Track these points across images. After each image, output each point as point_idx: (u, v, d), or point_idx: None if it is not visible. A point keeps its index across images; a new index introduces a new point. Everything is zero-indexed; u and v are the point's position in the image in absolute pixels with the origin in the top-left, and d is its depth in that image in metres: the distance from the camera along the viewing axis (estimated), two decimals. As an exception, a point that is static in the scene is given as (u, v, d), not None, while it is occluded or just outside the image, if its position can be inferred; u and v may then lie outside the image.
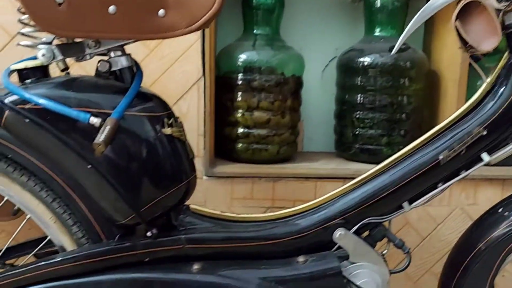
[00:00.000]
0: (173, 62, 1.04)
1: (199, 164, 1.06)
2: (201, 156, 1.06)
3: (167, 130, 0.69)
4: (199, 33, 1.03)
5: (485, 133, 0.73)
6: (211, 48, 1.05)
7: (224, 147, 1.15)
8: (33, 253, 0.77)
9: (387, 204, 0.76)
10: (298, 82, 1.15)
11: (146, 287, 0.71)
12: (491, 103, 0.73)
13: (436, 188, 0.76)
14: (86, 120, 0.61)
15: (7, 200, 0.73)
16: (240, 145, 1.12)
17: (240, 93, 1.10)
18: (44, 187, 0.71)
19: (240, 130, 1.11)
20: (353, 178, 0.78)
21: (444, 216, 1.14)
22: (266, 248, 0.76)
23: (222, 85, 1.12)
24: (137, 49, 0.89)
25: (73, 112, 0.61)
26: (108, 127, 0.60)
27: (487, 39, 0.69)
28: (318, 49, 1.29)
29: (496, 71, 0.74)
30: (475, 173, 1.10)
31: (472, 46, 0.71)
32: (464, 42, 0.72)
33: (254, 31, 1.14)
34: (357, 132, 1.15)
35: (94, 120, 0.61)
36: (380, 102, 1.13)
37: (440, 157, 0.73)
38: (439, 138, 0.75)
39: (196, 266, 0.72)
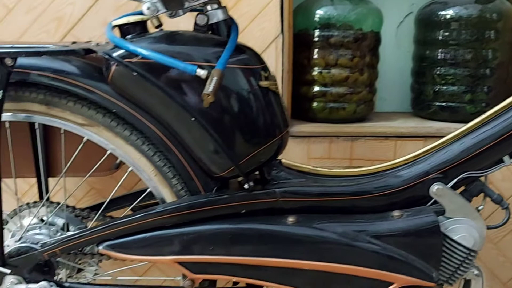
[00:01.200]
0: (251, 20, 1.03)
1: (276, 123, 1.06)
2: (278, 115, 1.06)
3: (264, 83, 0.69)
4: (277, -11, 1.01)
5: None
6: (290, 5, 1.03)
7: (300, 107, 1.14)
8: (132, 206, 0.80)
9: (487, 158, 0.73)
10: (376, 38, 1.11)
11: (243, 237, 0.72)
12: None
13: (541, 141, 0.72)
14: (193, 72, 0.61)
15: (109, 154, 0.76)
16: (316, 104, 1.10)
17: (317, 50, 1.08)
18: (146, 141, 0.73)
19: (317, 88, 1.09)
20: (435, 137, 0.75)
21: (529, 177, 1.09)
22: (360, 203, 0.75)
23: (298, 43, 1.10)
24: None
25: (180, 64, 0.62)
26: (215, 78, 0.60)
27: None
28: (392, 4, 1.24)
29: None
30: None
31: None
32: None
33: (331, -15, 1.10)
34: (437, 89, 1.11)
35: (201, 72, 0.61)
36: (463, 57, 1.08)
37: (550, 106, 0.69)
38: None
39: (291, 219, 0.73)
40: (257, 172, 0.76)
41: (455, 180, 0.73)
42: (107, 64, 0.67)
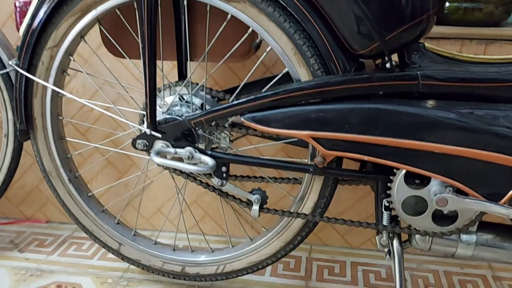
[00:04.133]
0: None
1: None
2: (407, 15, 1.02)
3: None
4: None
5: None
6: None
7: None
8: (265, 89, 0.83)
9: None
10: None
11: (380, 116, 0.72)
12: None
13: None
14: None
15: (249, 36, 0.78)
16: (449, 4, 1.04)
17: None
18: (288, 18, 0.74)
19: (452, -13, 1.02)
20: None
21: None
22: (506, 91, 0.72)
23: None
24: None
25: None
26: None
27: None
28: None
29: None
30: None
31: None
32: None
33: None
34: None
35: None
36: None
37: None
38: None
39: (431, 102, 0.72)
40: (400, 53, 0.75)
41: None
42: None
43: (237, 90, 0.84)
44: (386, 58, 0.72)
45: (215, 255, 0.97)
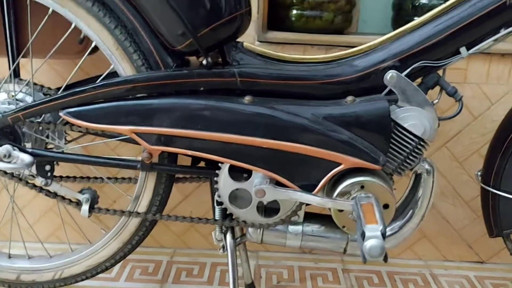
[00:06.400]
0: None
1: (252, 29, 1.06)
2: (254, 20, 1.06)
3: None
4: None
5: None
6: None
7: (277, 15, 1.14)
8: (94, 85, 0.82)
9: (444, 48, 0.74)
10: None
11: (200, 111, 0.74)
12: None
13: (498, 32, 0.73)
14: None
15: (73, 32, 0.77)
16: (294, 11, 1.10)
17: (297, -44, 1.07)
18: (107, 13, 0.74)
19: (295, -5, 1.09)
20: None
21: (500, 96, 1.10)
22: (315, 88, 0.77)
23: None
24: None
25: None
26: None
27: None
28: None
29: None
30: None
31: None
32: None
33: None
34: (417, 4, 1.10)
35: None
36: (445, -29, 1.06)
37: (508, -4, 0.69)
38: (508, -23, 0.70)
39: (247, 98, 0.75)
40: (217, 54, 0.77)
41: (410, 69, 0.74)
42: None
43: (63, 86, 0.81)
44: (203, 55, 0.74)
45: (52, 261, 0.92)
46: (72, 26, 0.77)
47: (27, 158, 0.76)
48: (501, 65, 1.06)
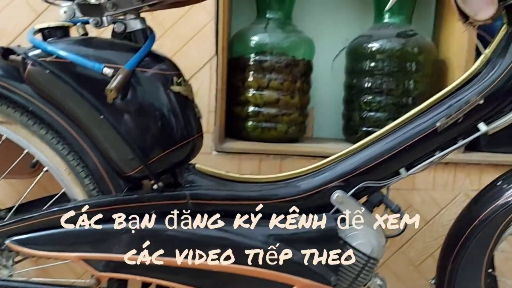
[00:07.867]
0: (187, 41, 1.09)
1: (209, 139, 1.10)
2: (211, 132, 1.10)
3: (176, 88, 0.74)
4: (213, 13, 1.08)
5: (482, 102, 0.75)
6: (224, 29, 1.09)
7: (234, 126, 1.19)
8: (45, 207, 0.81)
9: (385, 169, 0.78)
10: (308, 66, 1.18)
11: (151, 236, 0.74)
12: (489, 73, 0.76)
13: (433, 155, 0.78)
14: (100, 70, 0.66)
15: (26, 155, 0.78)
16: (250, 123, 1.16)
17: (251, 73, 1.14)
18: (60, 140, 0.76)
19: (251, 108, 1.15)
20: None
21: (448, 201, 1.15)
22: (267, 207, 0.79)
23: (235, 67, 1.17)
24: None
25: (88, 63, 0.66)
26: (120, 76, 0.64)
27: (484, 9, 0.72)
28: (329, 38, 1.33)
29: (494, 42, 0.77)
30: (480, 158, 1.12)
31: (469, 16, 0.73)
32: (462, 14, 0.75)
33: (267, 15, 1.19)
34: (364, 116, 1.18)
35: (107, 71, 0.66)
36: (387, 86, 1.16)
37: (438, 124, 0.76)
38: (437, 106, 0.77)
39: (197, 221, 0.76)
40: (170, 176, 0.79)
41: (354, 189, 0.78)
42: (24, 63, 0.71)
43: (12, 210, 0.80)
44: (154, 180, 0.75)
45: None
46: (25, 152, 0.78)
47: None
48: (445, 173, 1.13)
